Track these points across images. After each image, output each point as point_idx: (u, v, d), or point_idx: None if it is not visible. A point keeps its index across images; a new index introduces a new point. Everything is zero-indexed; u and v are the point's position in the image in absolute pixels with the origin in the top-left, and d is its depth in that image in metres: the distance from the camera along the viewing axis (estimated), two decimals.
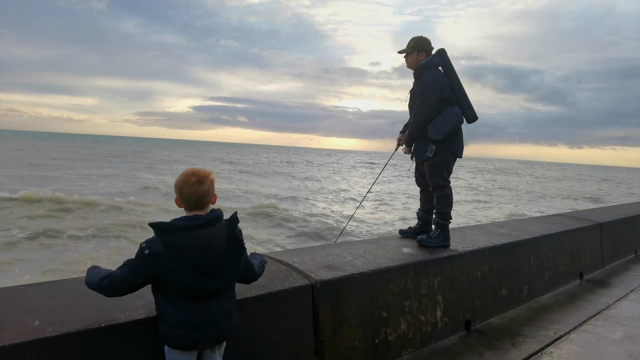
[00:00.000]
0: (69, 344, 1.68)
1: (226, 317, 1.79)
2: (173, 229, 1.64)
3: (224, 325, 1.77)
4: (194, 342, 1.71)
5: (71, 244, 11.30)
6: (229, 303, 1.82)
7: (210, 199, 1.79)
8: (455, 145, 3.53)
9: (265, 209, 17.78)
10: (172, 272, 1.62)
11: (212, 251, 1.68)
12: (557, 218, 6.03)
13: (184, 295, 1.67)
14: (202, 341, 1.73)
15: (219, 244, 1.70)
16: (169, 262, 1.61)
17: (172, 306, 1.68)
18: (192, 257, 1.63)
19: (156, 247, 1.61)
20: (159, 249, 1.61)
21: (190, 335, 1.69)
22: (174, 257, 1.61)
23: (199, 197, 1.74)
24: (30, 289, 2.08)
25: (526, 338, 3.38)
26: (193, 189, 1.73)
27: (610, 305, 4.23)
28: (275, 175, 39.80)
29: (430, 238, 3.59)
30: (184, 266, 1.63)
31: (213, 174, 1.83)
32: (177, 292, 1.67)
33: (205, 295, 1.70)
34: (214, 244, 1.68)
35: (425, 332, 3.15)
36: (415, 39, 3.62)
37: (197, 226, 1.67)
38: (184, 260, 1.62)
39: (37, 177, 25.36)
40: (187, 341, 1.70)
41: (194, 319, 1.68)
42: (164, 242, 1.62)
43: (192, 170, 1.77)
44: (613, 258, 6.03)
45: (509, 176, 63.29)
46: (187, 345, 1.71)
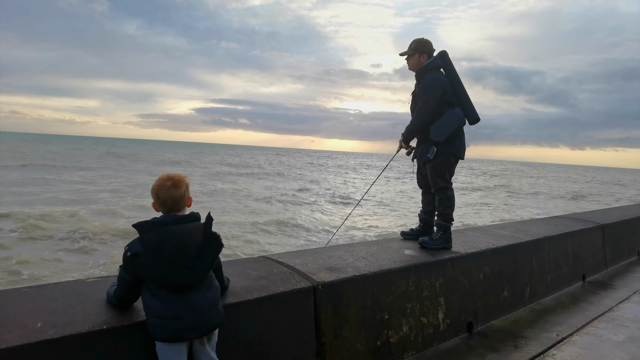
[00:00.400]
0: (71, 346, 1.68)
1: (209, 307, 1.83)
2: (151, 226, 1.77)
3: (207, 314, 1.82)
4: (177, 332, 1.75)
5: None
6: (211, 293, 1.87)
7: (186, 202, 1.92)
8: (457, 146, 3.53)
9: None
10: (150, 267, 1.73)
11: (187, 245, 1.77)
12: (559, 220, 6.02)
13: (164, 287, 1.75)
14: (185, 331, 1.76)
15: (194, 239, 1.79)
16: (145, 258, 1.72)
17: (155, 298, 1.76)
18: (167, 251, 1.73)
19: (135, 247, 1.75)
20: (137, 249, 1.73)
21: (173, 325, 1.74)
22: (150, 253, 1.72)
23: (174, 200, 1.86)
24: (32, 290, 2.08)
25: (528, 340, 3.37)
26: (169, 193, 1.85)
27: (613, 308, 4.22)
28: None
29: (432, 240, 3.58)
30: (160, 260, 1.72)
31: (187, 178, 1.96)
32: (158, 285, 1.76)
33: (184, 286, 1.77)
34: (189, 239, 1.78)
35: (427, 334, 3.15)
36: (417, 41, 3.63)
37: (173, 222, 1.80)
38: (160, 254, 1.72)
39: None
40: (171, 331, 1.74)
41: (175, 309, 1.75)
42: (142, 241, 1.74)
43: (167, 175, 1.90)
44: (615, 260, 6.01)
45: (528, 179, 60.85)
46: (172, 336, 1.75)
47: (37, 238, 11.87)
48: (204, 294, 1.83)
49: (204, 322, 1.80)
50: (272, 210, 19.67)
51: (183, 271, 1.74)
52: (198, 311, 1.78)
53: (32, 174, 29.14)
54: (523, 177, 66.51)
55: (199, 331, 1.80)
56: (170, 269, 1.73)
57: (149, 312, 1.78)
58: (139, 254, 1.73)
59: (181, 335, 1.75)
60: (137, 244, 1.75)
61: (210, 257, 1.84)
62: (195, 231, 1.81)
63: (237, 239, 13.07)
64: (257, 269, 2.68)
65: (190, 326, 1.76)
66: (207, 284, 1.87)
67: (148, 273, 1.74)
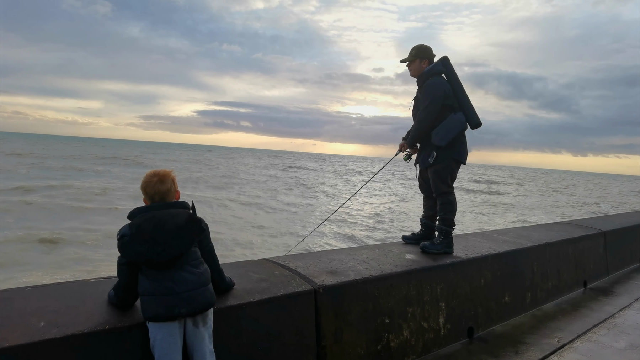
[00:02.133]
0: (74, 345, 1.69)
1: (198, 284, 1.89)
2: (138, 211, 1.91)
3: (197, 290, 1.87)
4: (168, 307, 1.79)
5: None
6: (200, 272, 1.94)
7: (174, 195, 2.02)
8: (459, 151, 3.55)
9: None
10: (130, 245, 1.81)
11: (165, 224, 1.86)
12: (560, 226, 6.01)
13: (149, 265, 1.83)
14: (176, 306, 1.80)
15: (175, 221, 1.88)
16: (128, 238, 1.83)
17: (146, 278, 1.85)
18: (147, 230, 1.83)
19: (123, 230, 1.87)
20: (125, 231, 1.85)
21: (164, 300, 1.81)
22: (133, 234, 1.83)
23: (161, 194, 1.98)
24: (35, 290, 2.09)
25: (529, 346, 3.37)
26: (156, 188, 1.97)
27: (615, 314, 4.21)
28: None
29: (434, 244, 3.59)
30: (139, 239, 1.82)
31: (174, 172, 2.07)
32: (144, 264, 1.84)
33: (166, 262, 1.84)
34: (169, 220, 1.87)
35: (428, 338, 3.15)
36: (417, 47, 3.65)
37: (156, 207, 1.93)
38: (140, 233, 1.82)
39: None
40: (162, 307, 1.80)
41: (164, 284, 1.82)
42: (130, 225, 1.87)
43: (153, 172, 2.02)
44: (617, 267, 5.99)
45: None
46: (163, 312, 1.79)
47: None
48: (192, 271, 1.91)
49: (194, 297, 1.85)
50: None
51: (158, 248, 1.82)
52: (187, 285, 1.85)
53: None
54: (552, 187, 58.11)
55: (190, 307, 1.83)
56: (147, 246, 1.81)
57: (142, 292, 1.86)
58: (125, 234, 1.84)
59: (172, 310, 1.80)
60: (126, 227, 1.87)
61: (187, 237, 1.89)
62: (178, 215, 1.91)
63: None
64: (258, 271, 2.69)
65: (180, 300, 1.82)
66: (195, 264, 1.94)
67: (130, 251, 1.82)
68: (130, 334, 1.84)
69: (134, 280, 1.90)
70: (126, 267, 1.89)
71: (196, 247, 2.00)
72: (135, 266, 1.88)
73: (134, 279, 1.90)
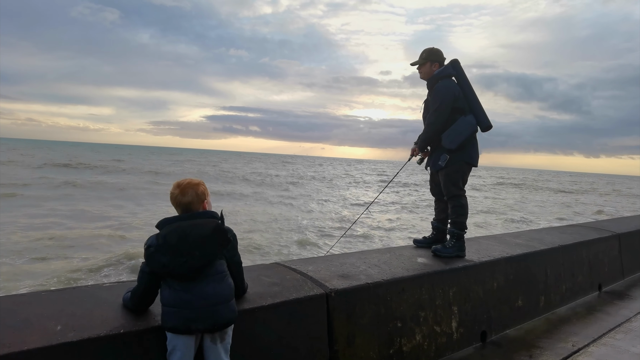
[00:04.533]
0: (90, 348, 1.71)
1: (219, 300, 1.87)
2: (165, 222, 1.91)
3: (217, 307, 1.85)
4: (186, 321, 1.78)
5: None
6: (222, 287, 1.91)
7: (200, 205, 2.01)
8: (470, 154, 3.53)
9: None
10: (155, 256, 1.82)
11: (189, 235, 1.85)
12: (574, 228, 5.94)
13: (173, 277, 1.83)
14: (194, 321, 1.79)
15: (199, 231, 1.88)
16: (154, 248, 1.83)
17: (168, 288, 1.85)
18: (171, 241, 1.83)
19: (150, 240, 1.87)
20: (151, 241, 1.86)
21: (183, 314, 1.79)
22: (159, 244, 1.83)
23: (184, 206, 1.98)
24: (52, 294, 2.13)
25: (543, 350, 3.33)
26: (177, 200, 1.98)
27: (631, 318, 4.14)
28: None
29: (445, 248, 3.57)
30: (164, 249, 1.82)
31: (202, 183, 2.05)
32: (168, 275, 1.83)
33: (190, 273, 1.83)
34: (195, 231, 1.87)
35: (441, 343, 3.12)
36: (428, 50, 3.65)
37: (182, 218, 1.94)
38: (166, 244, 1.82)
39: None
40: (180, 320, 1.79)
41: (184, 297, 1.82)
42: (157, 236, 1.87)
43: (177, 183, 2.02)
44: (633, 270, 5.89)
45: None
46: (181, 326, 1.79)
47: None
48: (215, 287, 1.87)
49: (213, 314, 1.83)
50: None
51: (181, 259, 1.81)
52: (207, 300, 1.83)
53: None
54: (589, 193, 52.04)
55: (208, 323, 1.81)
56: (170, 257, 1.80)
57: (163, 302, 1.85)
58: (151, 244, 1.85)
59: (190, 325, 1.79)
60: (153, 238, 1.87)
61: (211, 248, 1.88)
62: (204, 225, 1.90)
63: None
64: (270, 275, 2.70)
65: (198, 315, 1.80)
66: (219, 278, 1.91)
67: (153, 261, 1.83)
68: (145, 337, 1.85)
69: (153, 288, 1.91)
70: (148, 276, 1.89)
71: (222, 259, 1.97)
72: (157, 276, 1.88)
73: (153, 288, 1.91)
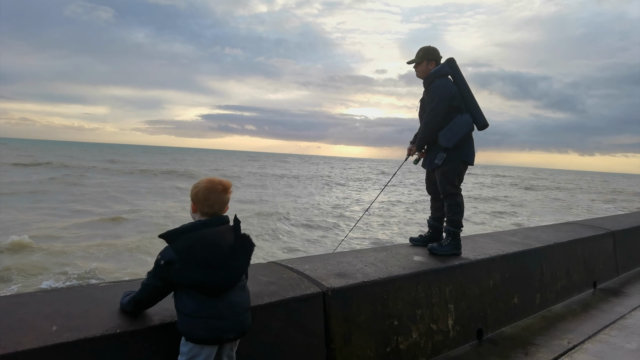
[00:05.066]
0: (86, 349, 1.70)
1: (245, 306, 1.86)
2: (181, 232, 1.78)
3: (243, 316, 1.83)
4: (218, 331, 1.75)
5: None
6: (246, 294, 1.90)
7: (225, 210, 1.94)
8: (466, 152, 3.54)
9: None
10: (185, 272, 1.72)
11: (220, 245, 1.78)
12: (569, 226, 5.97)
13: (201, 290, 1.74)
14: (226, 331, 1.76)
15: (226, 240, 1.81)
16: (179, 264, 1.72)
17: (194, 300, 1.75)
18: (200, 254, 1.74)
19: (168, 255, 1.74)
20: (171, 256, 1.73)
21: (214, 324, 1.74)
22: (184, 259, 1.72)
23: (222, 204, 1.89)
24: (47, 295, 2.12)
25: (539, 347, 3.34)
26: (220, 197, 1.87)
27: (625, 315, 4.17)
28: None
29: (442, 246, 3.58)
30: (194, 264, 1.73)
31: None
32: (195, 288, 1.74)
33: (219, 287, 1.77)
34: (220, 240, 1.80)
35: (437, 341, 3.13)
36: (424, 49, 3.66)
37: (201, 226, 1.81)
38: (194, 258, 1.73)
39: None
40: (211, 330, 1.74)
41: (216, 308, 1.75)
42: (175, 249, 1.75)
43: (217, 180, 1.90)
44: (627, 267, 5.94)
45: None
46: (212, 336, 1.74)
47: None
48: (240, 295, 1.85)
49: (241, 323, 1.82)
50: None
51: (218, 273, 1.75)
52: (237, 310, 1.80)
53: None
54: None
55: (237, 332, 1.80)
56: (205, 271, 1.73)
57: (186, 312, 1.75)
58: (173, 260, 1.73)
59: (221, 335, 1.76)
60: (170, 251, 1.75)
61: (243, 258, 1.84)
62: (225, 233, 1.83)
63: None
64: (266, 274, 2.69)
65: (229, 326, 1.77)
66: (242, 286, 1.89)
67: (184, 278, 1.73)
68: (141, 337, 1.85)
69: (160, 299, 1.86)
70: (156, 290, 1.81)
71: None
72: (169, 288, 1.80)
73: (160, 298, 1.85)
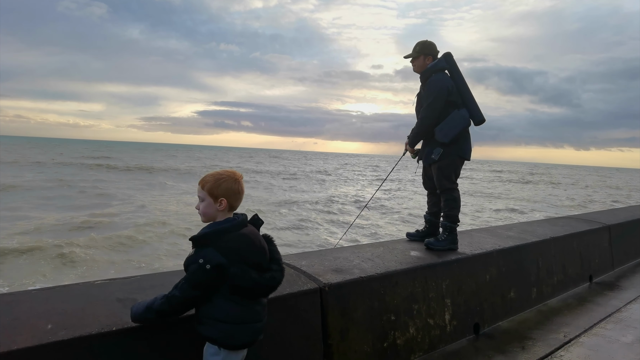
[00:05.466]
0: (82, 347, 1.69)
1: (266, 307, 1.82)
2: (223, 233, 1.66)
3: (266, 314, 1.81)
4: (257, 333, 1.72)
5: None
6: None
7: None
8: (463, 147, 3.54)
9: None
10: (240, 275, 1.62)
11: (261, 247, 1.73)
12: (565, 220, 5.99)
13: (254, 293, 1.68)
14: (259, 332, 1.74)
15: (261, 240, 1.76)
16: (234, 268, 1.61)
17: (237, 305, 1.66)
18: (250, 256, 1.67)
19: (216, 258, 1.59)
20: (219, 260, 1.59)
21: (254, 327, 1.70)
22: (235, 261, 1.62)
23: (238, 203, 1.79)
24: (42, 292, 2.10)
25: (536, 341, 3.36)
26: (241, 195, 1.78)
27: (621, 308, 4.20)
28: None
29: (438, 241, 3.58)
30: (247, 267, 1.64)
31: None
32: (239, 292, 1.65)
33: (272, 288, 1.72)
34: (259, 241, 1.74)
35: (434, 335, 3.14)
36: (421, 43, 3.64)
37: (241, 224, 1.71)
38: (245, 261, 1.65)
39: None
40: (253, 333, 1.70)
41: (254, 311, 1.70)
42: (221, 251, 1.61)
43: (232, 171, 1.79)
44: (622, 261, 5.97)
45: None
46: (249, 341, 1.70)
47: None
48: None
49: (265, 322, 1.80)
50: None
51: (266, 274, 1.69)
52: (265, 310, 1.79)
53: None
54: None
55: (262, 332, 1.78)
56: (256, 273, 1.66)
57: (227, 320, 1.65)
58: (222, 264, 1.59)
59: (258, 337, 1.73)
60: (215, 254, 1.60)
61: (279, 258, 1.80)
62: (256, 232, 1.78)
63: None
64: None
65: (262, 326, 1.75)
66: None
67: (244, 280, 1.63)
68: (137, 335, 1.83)
69: (184, 313, 1.74)
70: (192, 301, 1.67)
71: None
72: (204, 299, 1.66)
73: (186, 312, 1.73)
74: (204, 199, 1.74)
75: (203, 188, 1.74)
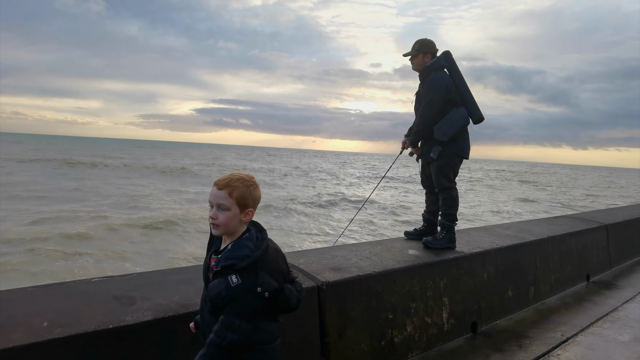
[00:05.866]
0: (78, 345, 1.68)
1: None
2: (263, 253, 1.47)
3: None
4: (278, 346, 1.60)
5: None
6: None
7: None
8: (462, 146, 3.53)
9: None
10: (287, 297, 1.51)
11: (285, 260, 1.60)
12: (563, 219, 6.00)
13: (291, 311, 1.58)
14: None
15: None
16: (286, 290, 1.50)
17: (275, 324, 1.54)
18: (287, 273, 1.57)
19: (270, 284, 1.43)
20: (273, 284, 1.45)
21: (279, 340, 1.58)
22: (281, 282, 1.49)
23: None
24: (38, 290, 2.09)
25: (533, 340, 3.36)
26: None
27: (618, 308, 4.20)
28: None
29: (436, 240, 3.58)
30: (291, 286, 1.56)
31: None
32: (284, 311, 1.54)
33: (300, 303, 1.61)
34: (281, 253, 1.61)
35: (432, 334, 3.14)
36: (421, 42, 3.63)
37: (266, 239, 1.54)
38: (287, 279, 1.55)
39: None
40: (279, 352, 1.58)
41: (279, 324, 1.58)
42: (270, 274, 1.45)
43: (249, 175, 1.57)
44: (620, 260, 5.99)
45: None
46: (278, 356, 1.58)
47: None
48: None
49: None
50: None
51: (297, 287, 1.61)
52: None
53: None
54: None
55: None
56: (295, 292, 1.56)
57: (268, 341, 1.48)
58: (277, 288, 1.45)
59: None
60: (268, 279, 1.44)
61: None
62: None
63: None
64: None
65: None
66: None
67: (290, 301, 1.52)
68: (133, 333, 1.83)
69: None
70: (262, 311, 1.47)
71: None
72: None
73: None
74: (230, 208, 1.47)
75: (231, 195, 1.47)
